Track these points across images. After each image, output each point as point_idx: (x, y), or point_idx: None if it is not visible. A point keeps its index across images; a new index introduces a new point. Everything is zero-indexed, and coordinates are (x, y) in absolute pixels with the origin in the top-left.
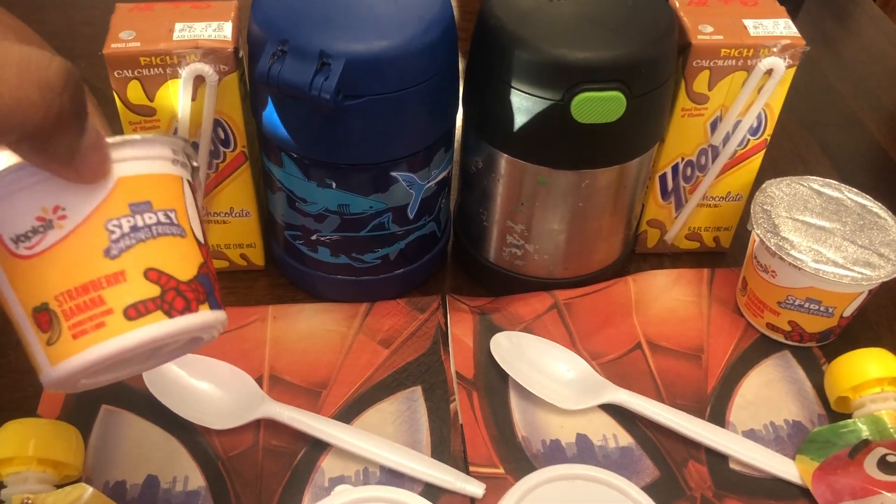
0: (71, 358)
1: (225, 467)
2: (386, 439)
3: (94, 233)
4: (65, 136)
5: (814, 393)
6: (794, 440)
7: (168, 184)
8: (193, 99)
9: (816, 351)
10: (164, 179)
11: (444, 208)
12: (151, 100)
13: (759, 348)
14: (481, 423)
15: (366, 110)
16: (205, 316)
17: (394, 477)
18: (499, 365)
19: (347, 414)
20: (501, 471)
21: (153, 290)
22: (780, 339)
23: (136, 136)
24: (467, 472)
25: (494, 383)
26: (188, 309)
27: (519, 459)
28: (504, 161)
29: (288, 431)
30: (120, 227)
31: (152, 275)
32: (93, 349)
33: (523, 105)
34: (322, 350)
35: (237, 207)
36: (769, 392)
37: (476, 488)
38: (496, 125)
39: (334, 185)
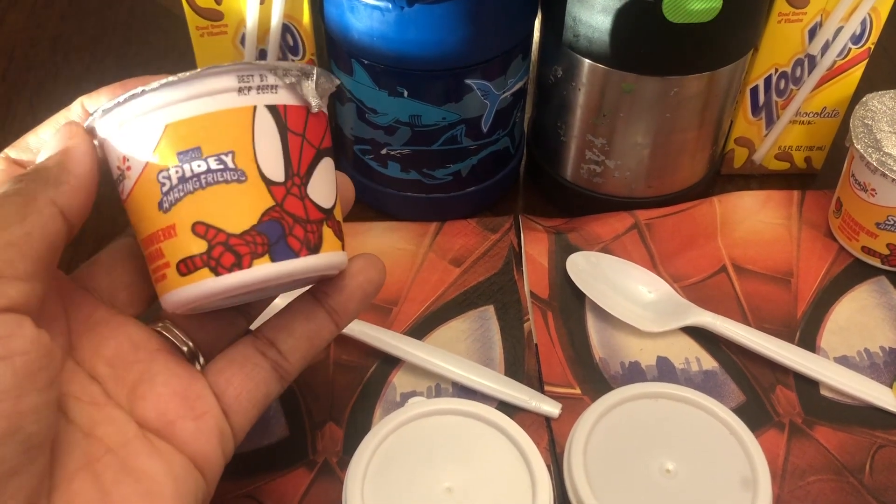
0: (160, 296)
1: (296, 381)
2: (458, 356)
3: (150, 185)
4: None
5: None
6: (890, 368)
7: (227, 121)
8: (262, 2)
9: None
10: (220, 117)
11: (518, 123)
12: (219, 3)
13: (853, 273)
14: (556, 344)
15: (440, 10)
16: (256, 272)
17: (466, 394)
18: (575, 285)
19: (418, 331)
20: (578, 391)
21: (200, 246)
22: (877, 263)
23: (182, 75)
24: (542, 392)
25: (570, 304)
26: (237, 265)
27: (596, 380)
28: (586, 68)
29: (359, 346)
30: (169, 178)
31: (200, 229)
32: (164, 297)
33: (609, 4)
34: (392, 268)
35: None
36: (863, 318)
37: (552, 408)
38: (578, 28)
39: (406, 93)
